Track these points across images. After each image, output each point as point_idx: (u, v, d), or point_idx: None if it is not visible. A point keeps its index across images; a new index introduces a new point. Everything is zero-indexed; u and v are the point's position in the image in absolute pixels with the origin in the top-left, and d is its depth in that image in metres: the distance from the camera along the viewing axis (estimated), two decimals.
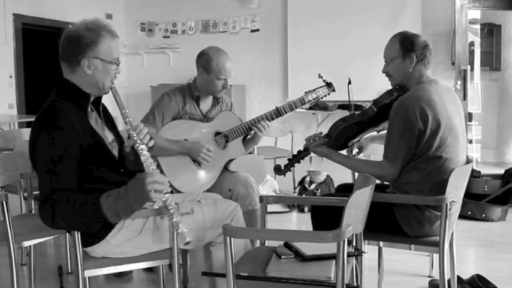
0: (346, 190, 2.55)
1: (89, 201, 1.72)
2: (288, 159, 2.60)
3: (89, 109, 2.01)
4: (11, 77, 6.46)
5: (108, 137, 2.06)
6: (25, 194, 2.81)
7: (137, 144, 1.86)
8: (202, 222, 2.09)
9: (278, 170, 2.58)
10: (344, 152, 2.53)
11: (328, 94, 2.88)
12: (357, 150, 2.81)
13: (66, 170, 1.77)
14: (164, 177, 1.76)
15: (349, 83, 2.67)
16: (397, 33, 2.37)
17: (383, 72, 2.43)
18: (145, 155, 1.85)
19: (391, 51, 2.35)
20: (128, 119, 1.89)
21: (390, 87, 2.43)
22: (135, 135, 1.87)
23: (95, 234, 1.95)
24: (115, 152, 2.05)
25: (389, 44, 2.37)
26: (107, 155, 1.98)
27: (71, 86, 1.92)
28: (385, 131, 2.37)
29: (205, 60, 2.81)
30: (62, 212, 1.71)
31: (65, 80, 1.93)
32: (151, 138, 1.92)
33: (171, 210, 1.81)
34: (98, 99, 2.06)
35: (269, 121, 2.83)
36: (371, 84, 6.09)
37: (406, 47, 2.30)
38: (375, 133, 2.67)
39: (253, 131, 2.86)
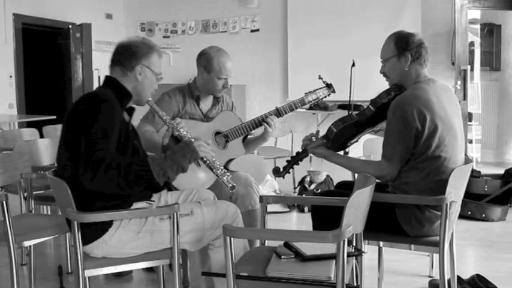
0: (345, 187, 2.55)
1: (135, 161, 1.88)
2: (287, 161, 2.59)
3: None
4: (11, 77, 6.46)
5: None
6: (25, 194, 2.81)
7: (179, 132, 2.15)
8: (202, 224, 2.09)
9: (277, 172, 2.58)
10: (342, 152, 2.53)
11: (328, 95, 2.88)
12: None
13: (112, 138, 1.90)
14: (206, 143, 2.02)
15: (353, 65, 2.65)
16: (392, 33, 2.38)
17: (380, 73, 2.44)
18: (186, 135, 2.17)
19: (387, 51, 2.36)
20: (168, 121, 2.18)
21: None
22: (175, 124, 2.18)
23: (92, 231, 1.95)
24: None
25: (385, 45, 2.39)
26: (134, 150, 2.07)
27: (116, 82, 2.10)
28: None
29: (206, 60, 2.81)
30: (104, 171, 1.80)
31: (112, 78, 2.11)
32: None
33: (213, 165, 2.05)
34: (130, 111, 2.21)
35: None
36: (371, 84, 6.07)
37: (400, 46, 2.31)
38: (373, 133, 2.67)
39: (253, 131, 2.86)
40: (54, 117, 5.84)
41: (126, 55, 2.10)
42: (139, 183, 1.86)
